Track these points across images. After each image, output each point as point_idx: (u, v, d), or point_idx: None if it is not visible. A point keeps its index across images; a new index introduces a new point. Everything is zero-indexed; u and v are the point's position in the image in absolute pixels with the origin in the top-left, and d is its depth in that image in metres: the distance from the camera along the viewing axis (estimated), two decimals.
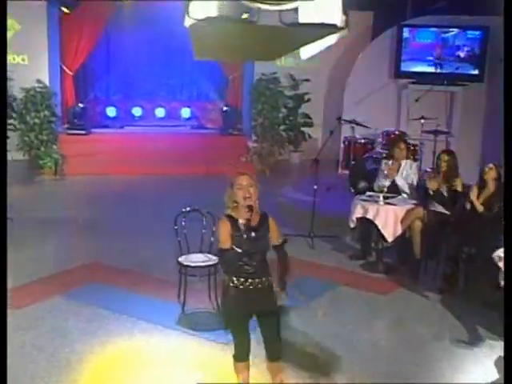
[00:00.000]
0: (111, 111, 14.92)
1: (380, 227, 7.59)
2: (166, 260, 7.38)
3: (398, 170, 8.01)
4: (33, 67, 13.25)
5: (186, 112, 15.26)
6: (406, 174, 8.01)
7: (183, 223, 6.39)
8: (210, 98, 15.58)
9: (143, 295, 6.76)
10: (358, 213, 7.75)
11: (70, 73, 13.88)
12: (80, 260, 7.89)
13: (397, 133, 10.98)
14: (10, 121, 13.11)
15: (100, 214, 10.03)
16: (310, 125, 14.15)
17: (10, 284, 6.57)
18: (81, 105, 13.87)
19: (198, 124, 15.03)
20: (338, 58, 13.82)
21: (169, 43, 15.06)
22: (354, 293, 7.07)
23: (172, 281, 6.74)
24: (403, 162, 8.11)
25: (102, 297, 6.73)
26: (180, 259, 6.38)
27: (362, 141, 11.22)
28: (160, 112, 15.19)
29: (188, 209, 6.53)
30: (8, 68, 12.39)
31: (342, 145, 11.86)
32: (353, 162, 10.46)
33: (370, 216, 7.64)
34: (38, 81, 13.16)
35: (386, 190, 7.85)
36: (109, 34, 14.58)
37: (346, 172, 10.85)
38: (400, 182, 7.97)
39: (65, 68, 13.78)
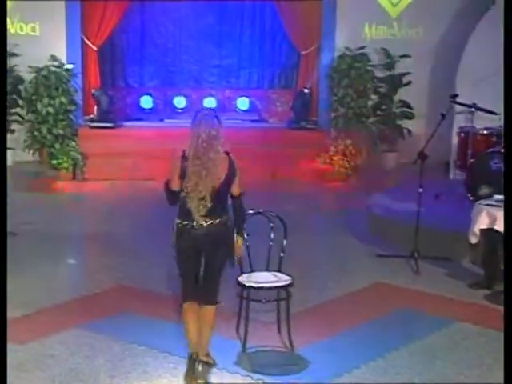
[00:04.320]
0: (146, 102, 15.02)
1: None
2: None
3: None
4: (46, 40, 13.49)
5: (243, 103, 15.26)
6: None
7: (245, 234, 6.29)
8: (275, 83, 15.54)
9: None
10: (482, 223, 7.54)
11: (95, 48, 14.02)
12: (105, 283, 7.90)
13: None
14: (15, 110, 13.31)
15: (130, 229, 10.08)
16: (410, 116, 13.93)
17: (11, 313, 6.58)
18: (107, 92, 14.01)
19: (259, 118, 14.99)
20: (449, 26, 13.56)
21: (221, 12, 15.14)
22: (476, 331, 6.86)
23: (227, 308, 6.64)
24: None
25: (135, 329, 6.67)
26: (240, 278, 6.26)
27: (485, 132, 10.85)
28: (210, 103, 15.17)
29: (251, 211, 6.43)
30: (14, 40, 12.75)
31: (456, 138, 11.54)
32: (472, 160, 10.16)
33: (499, 227, 7.36)
34: (53, 57, 13.33)
35: None
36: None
37: (461, 175, 10.58)
38: None
39: (87, 42, 13.93)
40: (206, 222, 5.54)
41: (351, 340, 6.55)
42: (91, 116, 13.84)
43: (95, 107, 13.79)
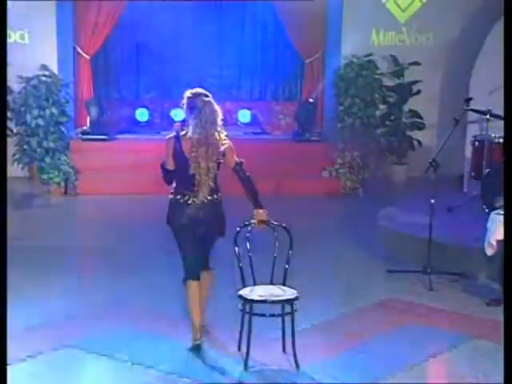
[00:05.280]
0: (142, 115, 14.97)
1: None
2: (217, 296, 7.19)
3: None
4: (36, 48, 13.50)
5: (244, 115, 15.21)
6: None
7: (247, 244, 6.34)
8: (279, 94, 15.51)
9: (186, 344, 6.56)
10: (498, 233, 7.45)
11: (87, 57, 14.01)
12: (100, 300, 7.87)
13: None
14: None
15: (124, 244, 10.09)
16: (421, 127, 13.93)
17: None
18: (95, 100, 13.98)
19: (261, 131, 14.95)
20: (461, 31, 13.54)
21: (221, 18, 15.11)
22: (496, 348, 6.69)
23: (227, 324, 6.71)
24: None
25: (131, 346, 6.61)
26: (242, 292, 6.20)
27: (501, 140, 10.72)
28: None
29: (253, 221, 6.39)
30: None
31: (470, 148, 11.46)
32: (487, 170, 10.07)
33: None
34: (43, 67, 13.32)
35: None
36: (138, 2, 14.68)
37: (476, 187, 10.49)
38: None
39: (79, 50, 13.93)
40: (206, 199, 6.29)
41: (360, 358, 6.47)
42: (83, 128, 13.81)
43: (88, 119, 13.76)
